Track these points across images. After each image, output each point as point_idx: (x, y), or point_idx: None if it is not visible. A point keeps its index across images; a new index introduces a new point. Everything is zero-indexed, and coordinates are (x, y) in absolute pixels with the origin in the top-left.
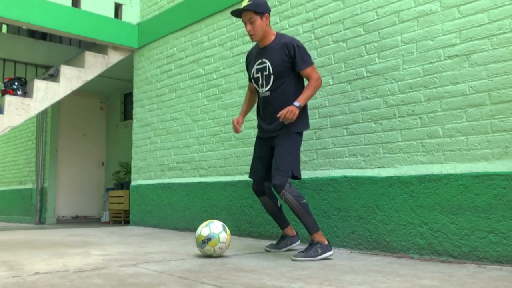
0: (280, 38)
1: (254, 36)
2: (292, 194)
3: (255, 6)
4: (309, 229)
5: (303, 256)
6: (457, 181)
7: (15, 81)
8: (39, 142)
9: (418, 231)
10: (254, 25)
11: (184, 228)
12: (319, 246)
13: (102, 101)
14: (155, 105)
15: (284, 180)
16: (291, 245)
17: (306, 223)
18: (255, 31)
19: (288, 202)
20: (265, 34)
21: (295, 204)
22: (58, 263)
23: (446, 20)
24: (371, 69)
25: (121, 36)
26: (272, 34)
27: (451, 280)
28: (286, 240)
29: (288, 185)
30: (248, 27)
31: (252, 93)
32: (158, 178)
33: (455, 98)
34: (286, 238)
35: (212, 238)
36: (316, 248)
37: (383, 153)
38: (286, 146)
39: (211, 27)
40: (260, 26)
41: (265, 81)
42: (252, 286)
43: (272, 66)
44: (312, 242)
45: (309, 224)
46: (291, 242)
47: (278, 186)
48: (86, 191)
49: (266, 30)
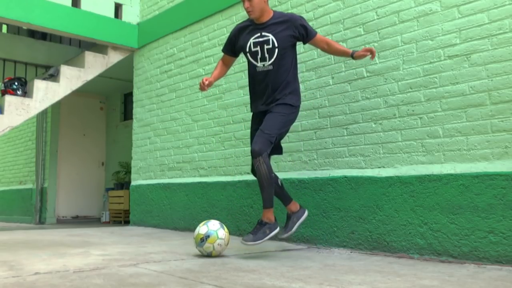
0: (280, 14)
1: (252, 13)
2: (267, 164)
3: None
4: (266, 202)
5: (253, 239)
6: (457, 181)
7: (15, 81)
8: (39, 142)
9: (418, 231)
10: (252, 2)
11: (184, 228)
12: (267, 226)
13: (102, 101)
14: (155, 105)
15: (265, 147)
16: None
17: (266, 195)
18: (253, 7)
19: (260, 170)
20: (262, 12)
21: (266, 174)
22: (58, 263)
23: (446, 20)
24: (371, 69)
25: (121, 36)
26: (270, 11)
27: (451, 280)
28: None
29: (266, 154)
30: (246, 4)
31: (225, 65)
32: (158, 178)
33: (455, 98)
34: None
35: (210, 235)
36: (265, 229)
37: (383, 153)
38: (277, 115)
39: (211, 27)
40: (258, 3)
41: (268, 55)
42: (252, 286)
43: (277, 39)
44: (261, 222)
45: (269, 197)
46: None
47: (257, 151)
48: (86, 191)
49: (264, 7)
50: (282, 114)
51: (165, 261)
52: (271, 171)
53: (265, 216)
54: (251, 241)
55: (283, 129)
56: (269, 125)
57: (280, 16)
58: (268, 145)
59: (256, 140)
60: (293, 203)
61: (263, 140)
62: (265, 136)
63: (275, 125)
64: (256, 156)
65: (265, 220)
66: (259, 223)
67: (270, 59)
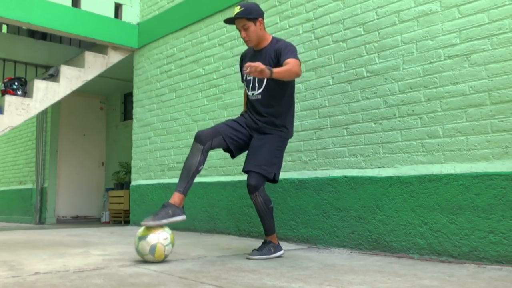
0: (276, 42)
1: (249, 42)
2: (264, 198)
3: (247, 12)
4: (268, 231)
5: (258, 254)
6: (457, 181)
7: (15, 81)
8: (39, 142)
9: (418, 231)
10: (248, 32)
11: (184, 228)
12: (272, 245)
13: (102, 101)
14: (155, 105)
15: (261, 182)
16: (173, 217)
17: (267, 226)
18: (250, 37)
19: (257, 204)
20: (260, 38)
21: (263, 207)
22: (58, 263)
23: (446, 20)
24: (371, 69)
25: (121, 36)
26: (268, 37)
27: (451, 280)
28: (168, 209)
29: (262, 188)
30: (243, 33)
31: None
32: (158, 178)
33: (455, 98)
34: (168, 206)
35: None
36: (269, 247)
37: (383, 153)
38: (275, 148)
39: (211, 27)
40: (254, 32)
41: (257, 84)
42: (252, 286)
43: None
44: (265, 242)
45: (270, 227)
46: (173, 214)
47: (254, 187)
48: (86, 191)
49: (261, 34)
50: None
51: (165, 261)
52: (269, 202)
53: (268, 239)
54: (257, 255)
55: (279, 162)
56: (266, 160)
57: (275, 43)
58: (266, 178)
59: (253, 174)
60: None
61: (261, 173)
62: (263, 171)
63: (271, 159)
64: (253, 191)
65: (269, 240)
66: (263, 242)
67: (259, 88)
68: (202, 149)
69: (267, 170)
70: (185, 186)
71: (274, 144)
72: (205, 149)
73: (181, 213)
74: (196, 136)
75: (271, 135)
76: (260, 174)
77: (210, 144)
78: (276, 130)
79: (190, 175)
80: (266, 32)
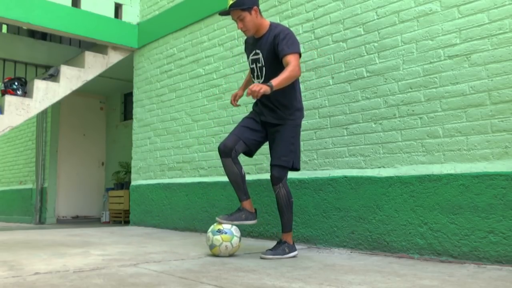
0: (274, 28)
1: (247, 31)
2: (286, 190)
3: (240, 3)
4: (285, 227)
5: (271, 254)
6: (457, 181)
7: (15, 81)
8: (39, 142)
9: (418, 231)
10: (244, 22)
11: (184, 228)
12: (286, 245)
13: (102, 101)
14: (155, 105)
15: (283, 173)
16: (245, 221)
17: (286, 220)
18: (247, 27)
19: (280, 196)
20: (257, 27)
21: (285, 199)
22: (58, 263)
23: (446, 20)
24: (371, 69)
25: (121, 36)
26: (266, 23)
27: (451, 280)
28: (242, 213)
29: (285, 179)
30: (239, 24)
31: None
32: (158, 178)
33: (455, 98)
34: (243, 211)
35: (228, 234)
36: (284, 247)
37: (383, 153)
38: (289, 138)
39: (211, 27)
40: (251, 21)
41: (259, 73)
42: (252, 286)
43: (264, 57)
44: (280, 241)
45: (288, 222)
46: (246, 218)
47: (277, 178)
48: (86, 191)
49: (258, 22)
50: (292, 137)
51: (165, 261)
52: (290, 195)
53: (284, 237)
54: (270, 255)
55: (296, 149)
56: (283, 151)
57: (274, 29)
58: (287, 168)
59: (275, 166)
60: (249, 202)
61: (283, 164)
62: (283, 162)
63: (288, 149)
64: (277, 183)
65: (284, 239)
66: (278, 242)
67: (261, 77)
68: (231, 160)
69: (285, 160)
70: (245, 192)
71: (288, 135)
72: (233, 159)
73: (253, 218)
74: (219, 151)
75: (283, 126)
76: (280, 165)
77: (235, 152)
78: (286, 120)
79: (241, 182)
80: (264, 18)
